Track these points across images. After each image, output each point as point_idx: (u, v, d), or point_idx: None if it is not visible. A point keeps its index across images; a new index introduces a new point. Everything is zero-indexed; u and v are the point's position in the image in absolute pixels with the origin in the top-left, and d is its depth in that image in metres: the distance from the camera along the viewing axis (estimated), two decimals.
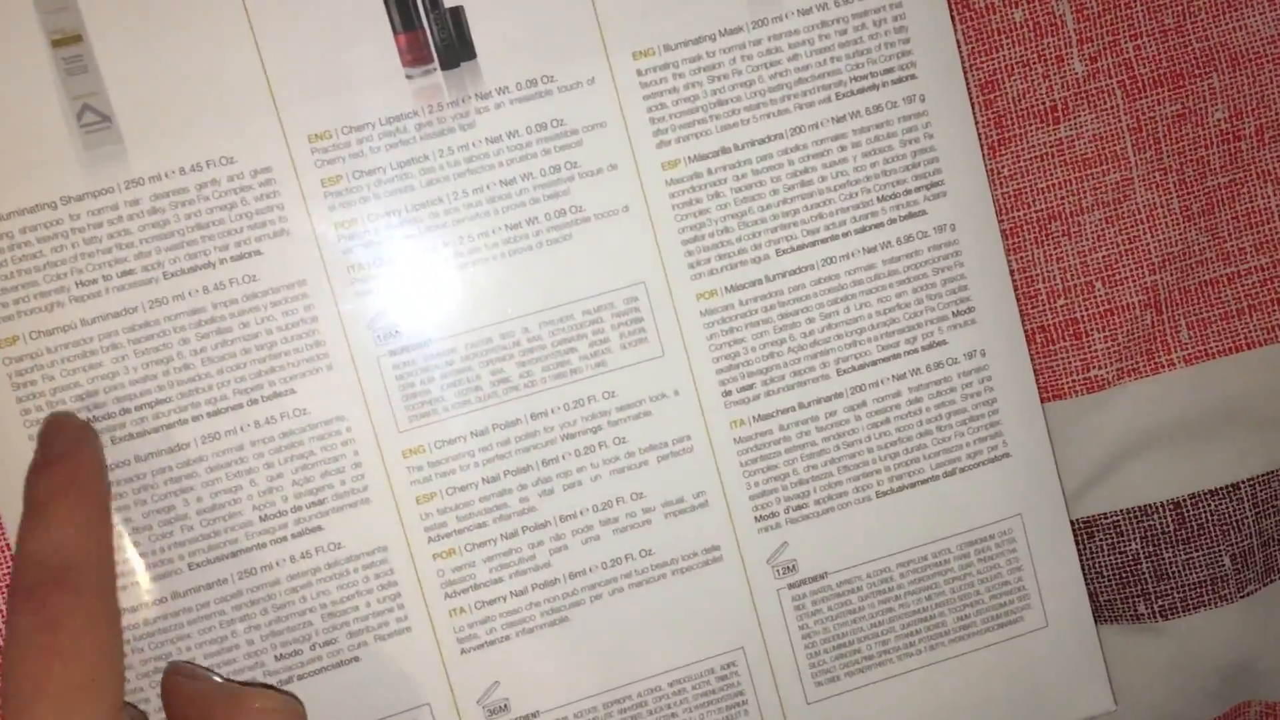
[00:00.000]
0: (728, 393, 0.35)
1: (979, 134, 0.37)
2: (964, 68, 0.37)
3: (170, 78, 0.31)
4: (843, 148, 0.34)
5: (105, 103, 0.31)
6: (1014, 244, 0.38)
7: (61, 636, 0.27)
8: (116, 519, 0.32)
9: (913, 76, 0.35)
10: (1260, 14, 0.38)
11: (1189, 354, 0.39)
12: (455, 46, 0.33)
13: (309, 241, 0.33)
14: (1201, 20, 0.38)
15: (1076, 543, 0.38)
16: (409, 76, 0.33)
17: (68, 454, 0.30)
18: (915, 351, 0.35)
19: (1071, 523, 0.38)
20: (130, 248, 0.32)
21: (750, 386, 0.35)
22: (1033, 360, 0.38)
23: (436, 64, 0.33)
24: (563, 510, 0.34)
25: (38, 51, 0.31)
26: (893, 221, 0.35)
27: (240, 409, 0.32)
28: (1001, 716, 0.36)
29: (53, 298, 0.32)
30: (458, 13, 0.33)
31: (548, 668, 0.34)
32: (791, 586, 0.35)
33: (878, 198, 0.35)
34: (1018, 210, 0.38)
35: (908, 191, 0.35)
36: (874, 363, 0.35)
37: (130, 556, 0.32)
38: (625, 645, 0.34)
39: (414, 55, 0.33)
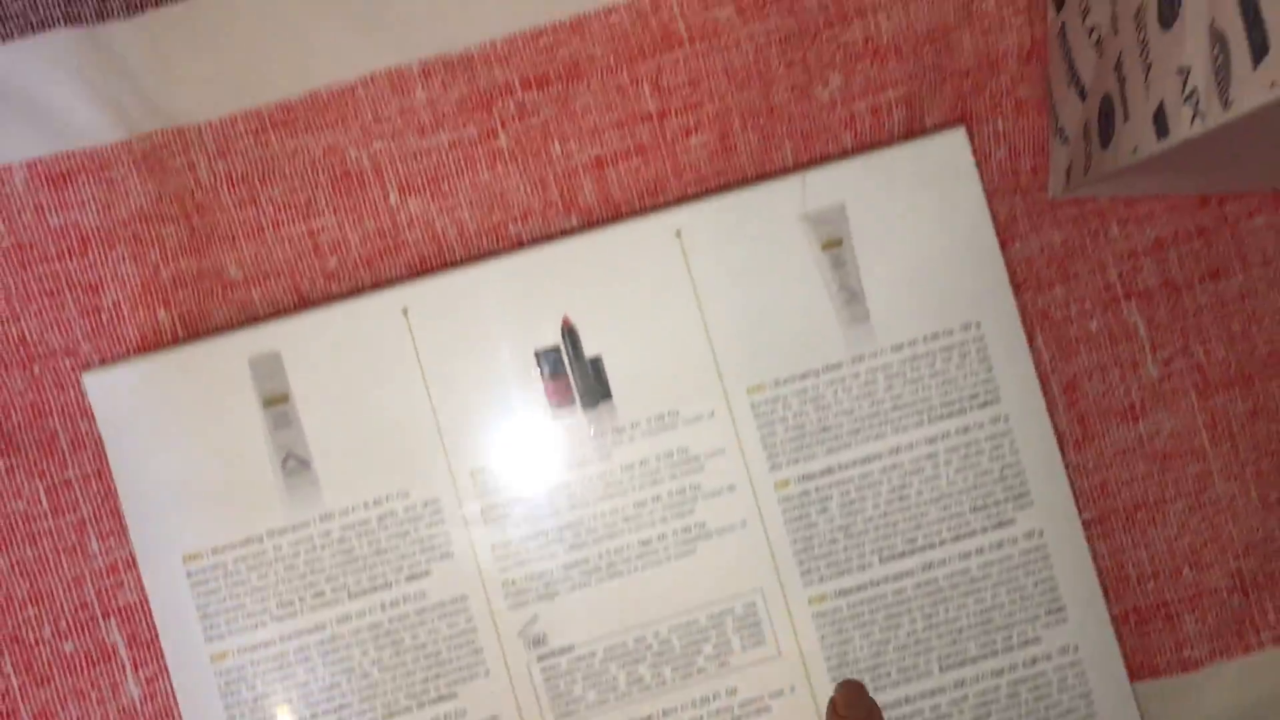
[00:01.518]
0: None
1: (1065, 430, 0.41)
2: (1046, 371, 0.41)
3: (359, 428, 0.38)
4: (936, 465, 0.39)
5: (305, 449, 0.38)
6: (1102, 531, 0.42)
7: None
8: None
9: (996, 400, 0.39)
10: None
11: (1278, 634, 0.42)
12: (595, 389, 0.39)
13: (470, 562, 0.38)
14: (1265, 325, 0.42)
15: None
16: (555, 415, 0.39)
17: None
18: (1011, 649, 0.39)
19: None
20: (321, 572, 0.38)
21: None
22: (1126, 640, 0.41)
23: (579, 404, 0.39)
24: None
25: (252, 409, 0.38)
26: (985, 530, 0.39)
27: (410, 712, 0.37)
28: None
29: (257, 618, 0.37)
30: (597, 362, 0.39)
31: None
32: None
33: (970, 509, 0.39)
34: (1105, 500, 0.42)
35: (997, 502, 0.39)
36: (973, 660, 0.39)
37: None
38: None
39: (560, 398, 0.39)
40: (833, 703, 0.35)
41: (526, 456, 0.38)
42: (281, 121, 0.41)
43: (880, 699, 0.39)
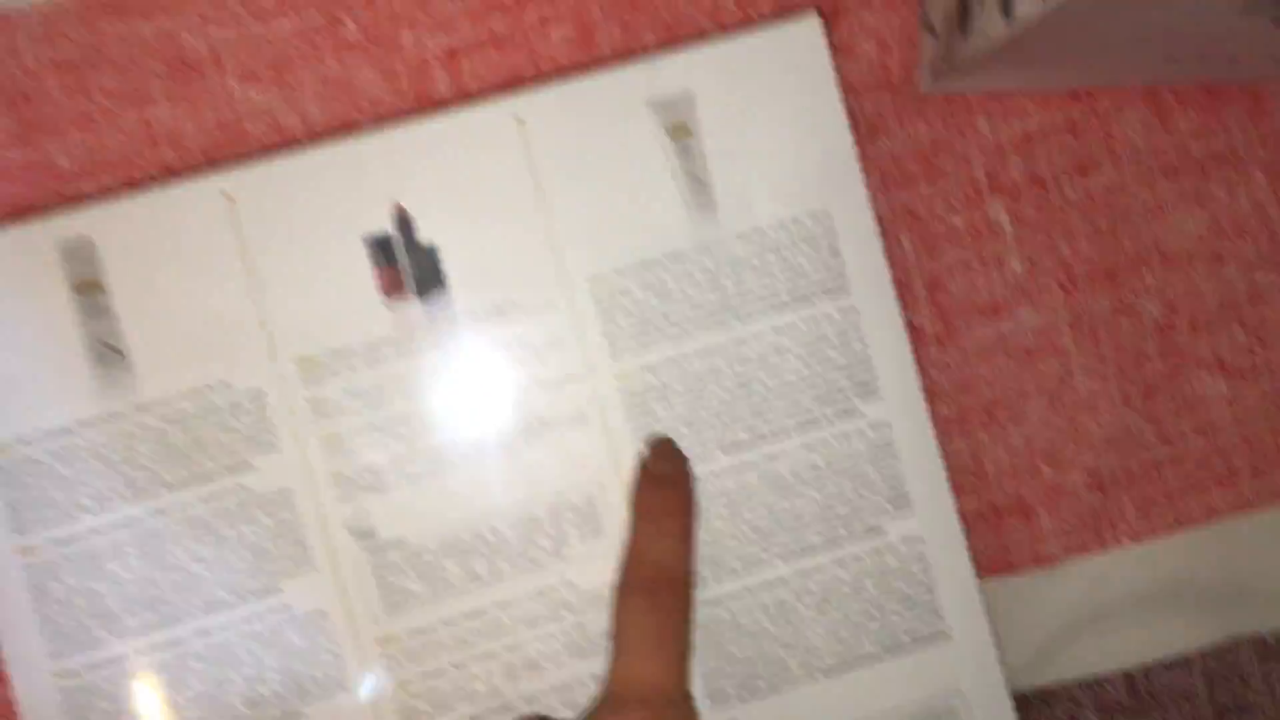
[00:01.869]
0: None
1: (927, 327, 0.40)
2: (910, 268, 0.40)
3: (177, 314, 0.36)
4: (782, 355, 0.38)
5: (119, 338, 0.36)
6: (962, 428, 0.41)
7: (667, 624, 0.34)
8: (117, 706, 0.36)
9: (844, 290, 0.38)
10: (1190, 214, 0.41)
11: (1135, 530, 0.41)
12: (428, 278, 0.37)
13: (296, 454, 0.37)
14: (1133, 222, 0.41)
15: (1034, 711, 0.40)
16: (386, 305, 0.37)
17: (679, 479, 0.37)
18: (854, 538, 0.38)
19: (1028, 692, 0.40)
20: (136, 464, 0.36)
21: (700, 574, 0.38)
22: (983, 537, 0.41)
23: (412, 293, 0.37)
24: (525, 693, 0.37)
25: (61, 296, 0.36)
26: (830, 421, 0.38)
27: (232, 607, 0.36)
28: None
29: (66, 511, 0.36)
30: (432, 250, 0.37)
31: None
32: None
33: (815, 399, 0.38)
34: (965, 396, 0.41)
35: (843, 393, 0.38)
36: (815, 550, 0.38)
37: None
38: None
39: (392, 287, 0.37)
40: (642, 462, 0.35)
41: (356, 346, 0.37)
42: (111, 6, 0.39)
43: (721, 590, 0.38)
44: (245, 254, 0.37)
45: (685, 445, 0.38)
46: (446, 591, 0.37)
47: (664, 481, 0.37)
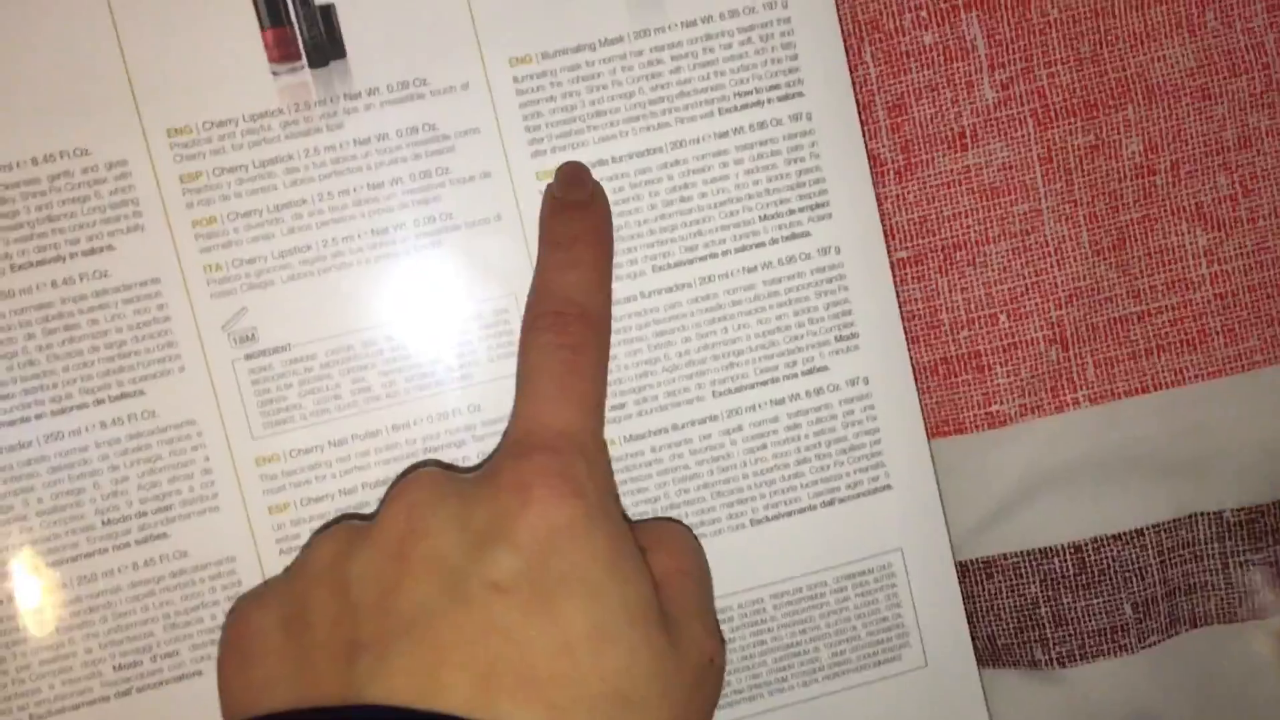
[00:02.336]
0: None
1: (886, 157, 0.36)
2: (871, 89, 0.36)
3: (25, 65, 0.31)
4: (724, 164, 0.33)
5: None
6: (917, 272, 0.37)
7: (578, 364, 0.30)
8: None
9: (800, 94, 0.34)
10: (1180, 45, 0.37)
11: (1095, 393, 0.38)
12: (324, 45, 0.32)
13: (164, 238, 0.32)
14: (1118, 50, 0.37)
15: (975, 583, 0.36)
16: (275, 74, 0.32)
17: (590, 204, 0.32)
18: (795, 376, 0.34)
19: (969, 562, 0.37)
20: None
21: (622, 405, 0.34)
22: (933, 392, 0.37)
23: (304, 62, 0.32)
24: None
25: None
26: (774, 242, 0.34)
27: (86, 409, 0.31)
28: None
29: None
30: (328, 11, 0.32)
31: None
32: None
33: (760, 216, 0.34)
34: (922, 237, 0.37)
35: (791, 212, 0.34)
36: (751, 386, 0.34)
37: None
38: None
39: (281, 52, 0.32)
40: (549, 189, 0.31)
41: (238, 119, 0.31)
42: None
43: (645, 425, 0.34)
44: (110, 3, 0.31)
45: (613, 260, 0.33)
46: (335, 408, 0.32)
47: (574, 206, 0.32)
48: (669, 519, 0.34)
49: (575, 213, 0.32)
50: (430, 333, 0.33)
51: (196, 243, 0.32)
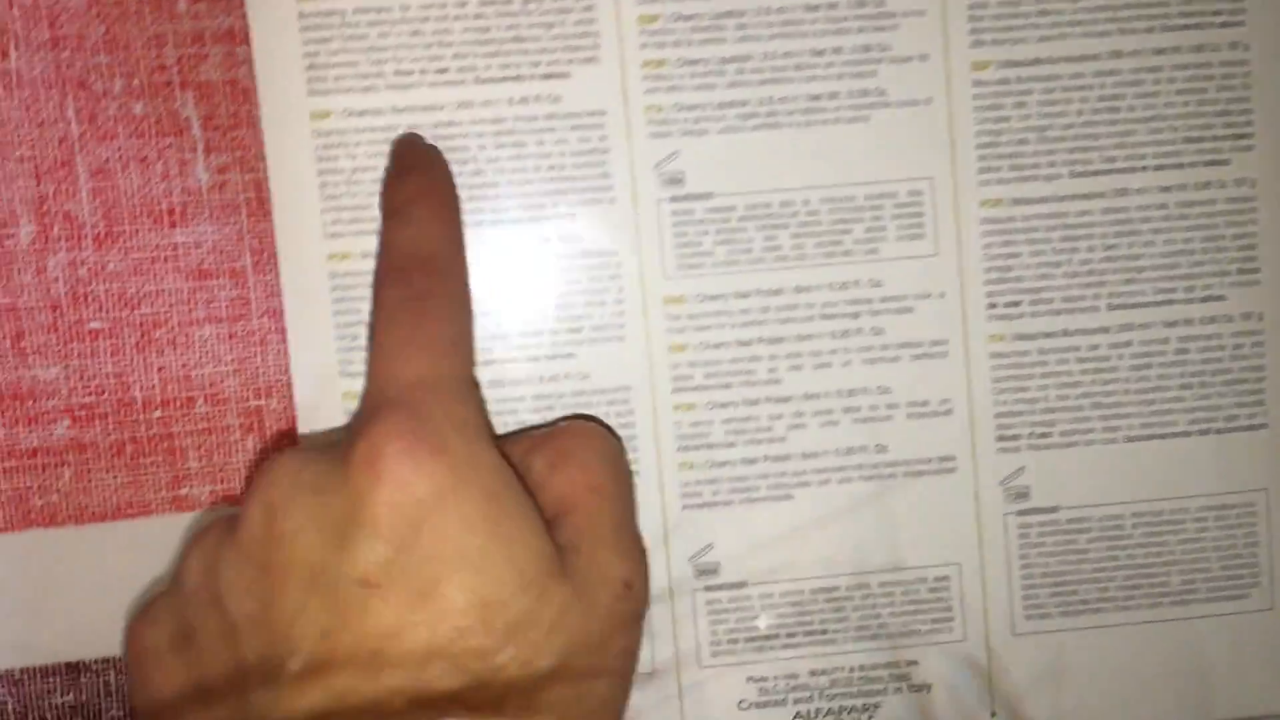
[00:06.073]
0: (993, 305, 0.34)
1: None
2: None
3: None
4: (1158, 80, 0.34)
5: None
6: None
7: (429, 304, 0.29)
8: None
9: (1240, 24, 0.34)
10: None
11: None
12: None
13: (615, 74, 0.33)
14: None
15: None
16: None
17: (421, 165, 0.32)
18: (1192, 301, 0.34)
19: None
20: (449, 47, 0.33)
21: (1017, 303, 0.34)
22: None
23: None
24: (808, 389, 0.34)
25: None
26: (1193, 165, 0.34)
27: (520, 224, 0.33)
28: (1210, 692, 0.35)
29: (370, 81, 0.32)
30: None
31: (763, 540, 0.34)
32: (1021, 514, 0.35)
33: (1184, 138, 0.34)
34: None
35: (1215, 138, 0.34)
36: (1147, 304, 0.34)
37: None
38: (843, 536, 0.34)
39: None
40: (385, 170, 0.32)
41: None
42: None
43: (1037, 325, 0.34)
44: None
45: (1031, 160, 0.34)
46: (746, 260, 0.33)
47: (404, 172, 0.31)
48: (583, 418, 0.33)
49: (406, 177, 0.31)
50: (845, 202, 0.33)
51: (644, 83, 0.33)
